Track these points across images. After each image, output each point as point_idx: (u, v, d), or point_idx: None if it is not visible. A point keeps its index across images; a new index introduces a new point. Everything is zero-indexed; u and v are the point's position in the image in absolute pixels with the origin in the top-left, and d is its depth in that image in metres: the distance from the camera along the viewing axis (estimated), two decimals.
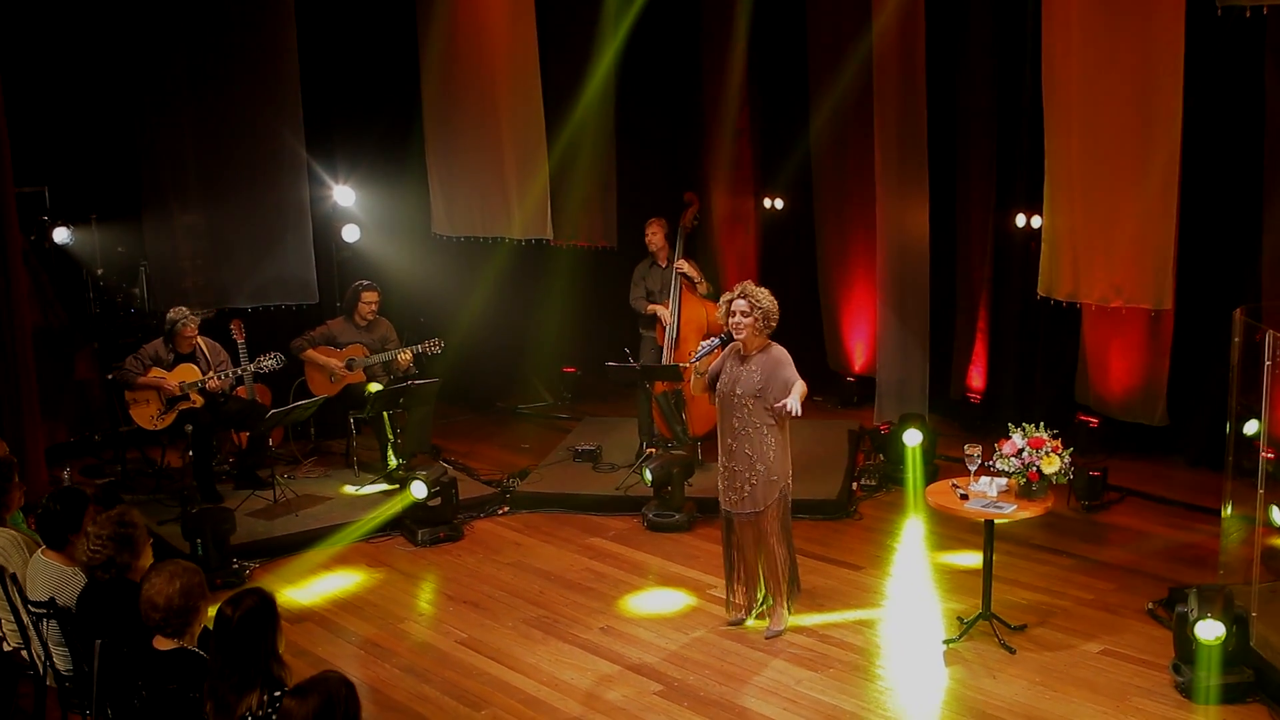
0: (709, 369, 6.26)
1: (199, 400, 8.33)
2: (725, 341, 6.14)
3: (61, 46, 9.18)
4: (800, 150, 10.66)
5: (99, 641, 4.26)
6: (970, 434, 8.76)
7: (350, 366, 8.89)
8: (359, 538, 7.85)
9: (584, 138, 9.95)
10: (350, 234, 10.01)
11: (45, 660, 4.83)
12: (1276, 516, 5.86)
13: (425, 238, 10.09)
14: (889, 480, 8.59)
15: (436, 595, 7.10)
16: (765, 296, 6.05)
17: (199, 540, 7.07)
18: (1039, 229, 8.27)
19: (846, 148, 10.26)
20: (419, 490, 7.74)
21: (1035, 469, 5.88)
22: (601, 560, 7.49)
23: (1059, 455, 5.89)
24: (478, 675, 5.99)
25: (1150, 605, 6.46)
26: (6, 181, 7.67)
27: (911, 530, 7.84)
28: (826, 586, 6.92)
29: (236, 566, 7.21)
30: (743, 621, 6.43)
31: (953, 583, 6.91)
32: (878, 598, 6.82)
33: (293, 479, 8.77)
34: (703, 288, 8.75)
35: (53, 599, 4.66)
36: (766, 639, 6.25)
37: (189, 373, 8.34)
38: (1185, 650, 5.57)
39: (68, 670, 4.82)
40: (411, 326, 9.71)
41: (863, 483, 8.58)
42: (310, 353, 8.89)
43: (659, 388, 8.80)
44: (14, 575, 4.93)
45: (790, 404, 5.84)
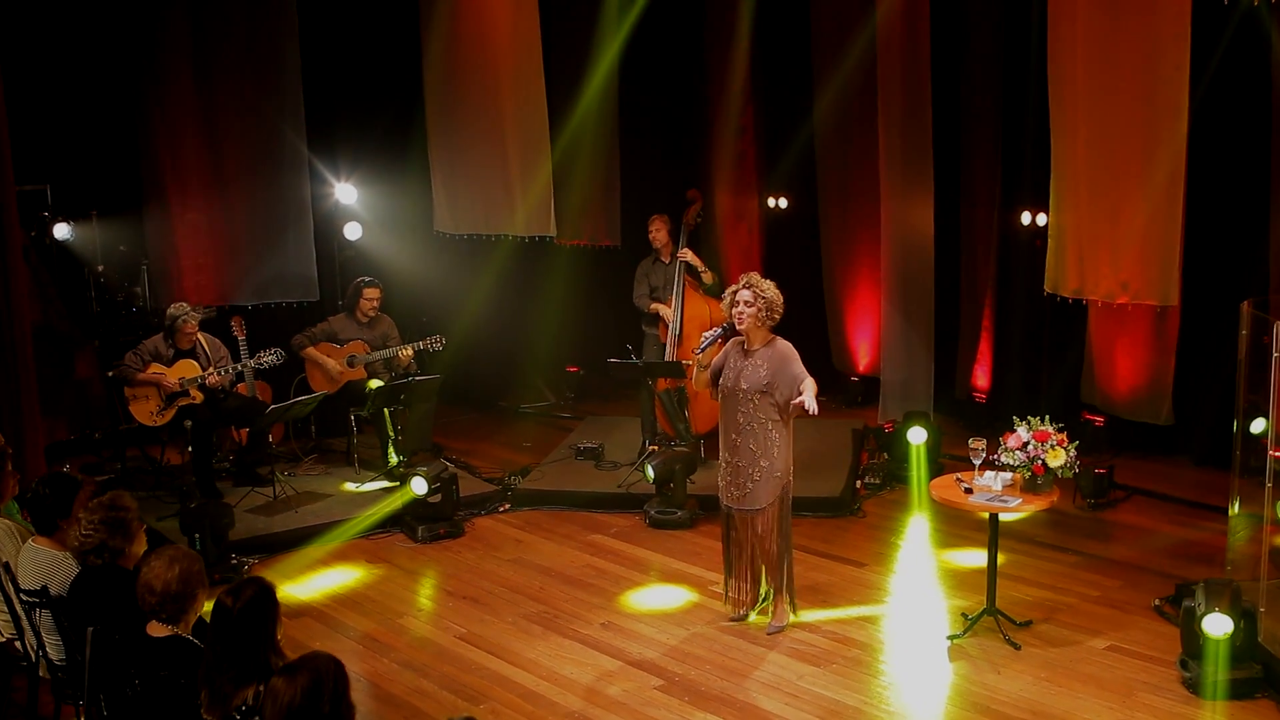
0: (711, 363, 6.21)
1: (199, 396, 8.29)
2: (728, 332, 6.08)
3: (63, 43, 9.16)
4: (804, 148, 10.62)
5: (91, 629, 4.21)
6: (975, 433, 8.67)
7: (351, 363, 8.85)
8: (358, 534, 7.81)
9: (587, 134, 9.92)
10: (352, 232, 9.99)
11: (38, 650, 4.78)
12: None
13: (427, 235, 10.04)
14: (893, 479, 8.55)
15: (436, 591, 7.05)
16: (770, 287, 6.00)
17: (197, 535, 7.02)
18: (1044, 226, 8.24)
19: (850, 145, 10.21)
20: (419, 486, 7.69)
21: (1040, 462, 5.82)
22: (603, 557, 7.43)
23: (1064, 448, 5.83)
24: (477, 670, 5.93)
25: (1157, 601, 6.40)
26: (7, 178, 7.63)
27: (916, 528, 7.79)
28: (829, 583, 6.86)
29: (235, 562, 7.17)
30: (744, 617, 6.37)
31: (957, 580, 6.85)
32: (881, 594, 6.75)
33: (293, 476, 8.73)
34: (707, 277, 8.70)
35: (45, 587, 4.61)
36: (768, 634, 6.19)
37: (189, 369, 8.29)
38: (1193, 645, 5.52)
39: (61, 660, 4.77)
40: (413, 325, 9.67)
41: (867, 481, 8.53)
42: (310, 351, 8.85)
43: (662, 384, 8.76)
44: (6, 564, 4.88)
45: (808, 403, 5.72)
